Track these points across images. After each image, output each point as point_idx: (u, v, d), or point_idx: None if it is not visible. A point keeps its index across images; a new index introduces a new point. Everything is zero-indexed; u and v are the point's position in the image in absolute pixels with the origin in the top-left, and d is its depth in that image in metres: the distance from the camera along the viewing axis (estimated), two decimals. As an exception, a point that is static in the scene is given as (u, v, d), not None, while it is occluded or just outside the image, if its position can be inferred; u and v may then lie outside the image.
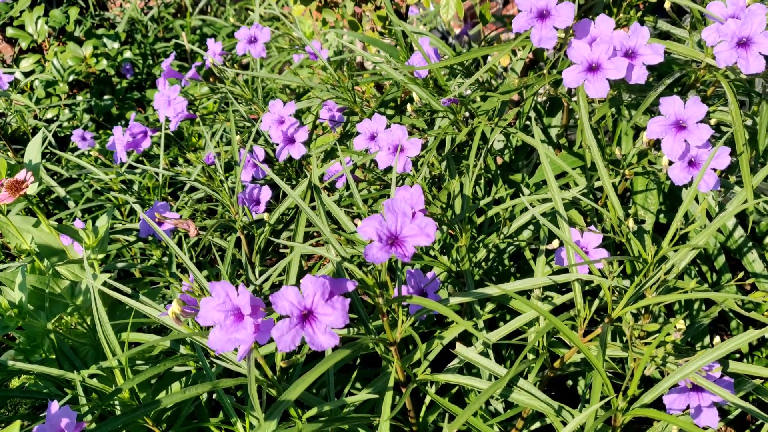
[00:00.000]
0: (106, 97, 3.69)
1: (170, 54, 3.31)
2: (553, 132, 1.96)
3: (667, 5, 1.58)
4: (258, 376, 1.22)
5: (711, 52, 1.42)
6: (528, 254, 1.60)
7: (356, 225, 1.53)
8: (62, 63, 3.54)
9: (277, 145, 1.85)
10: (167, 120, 2.00)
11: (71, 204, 2.83)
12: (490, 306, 1.53)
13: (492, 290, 1.22)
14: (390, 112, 2.26)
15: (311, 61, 2.95)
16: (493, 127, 1.64)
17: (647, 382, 1.64)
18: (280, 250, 2.00)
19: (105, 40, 3.71)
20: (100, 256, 1.70)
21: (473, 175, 1.56)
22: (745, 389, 1.19)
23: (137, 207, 2.17)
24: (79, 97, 3.66)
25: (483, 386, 1.21)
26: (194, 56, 4.28)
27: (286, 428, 1.20)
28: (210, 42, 2.32)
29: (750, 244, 1.66)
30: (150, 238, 2.02)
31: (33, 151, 1.79)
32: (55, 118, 3.52)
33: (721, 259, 1.67)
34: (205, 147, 2.11)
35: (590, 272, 1.25)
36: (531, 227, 1.69)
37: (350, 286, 1.05)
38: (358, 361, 1.69)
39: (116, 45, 3.73)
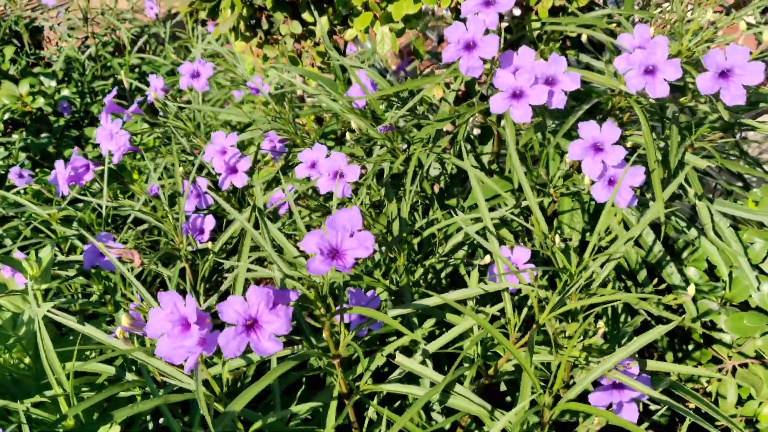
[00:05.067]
0: (43, 135, 3.66)
1: (111, 90, 3.32)
2: (485, 159, 2.07)
3: (584, 38, 1.72)
4: (206, 392, 1.25)
5: (623, 79, 1.55)
6: (463, 271, 1.69)
7: (299, 250, 1.60)
8: (-2, 101, 3.52)
9: (220, 175, 1.90)
10: (110, 154, 2.03)
11: (8, 242, 2.80)
12: (429, 322, 1.60)
13: (429, 301, 1.29)
14: (330, 143, 2.35)
15: (252, 97, 3.02)
16: (429, 153, 1.73)
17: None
18: (224, 279, 2.03)
19: (42, 78, 3.71)
20: (44, 287, 1.71)
21: (410, 199, 1.64)
22: (662, 386, 1.29)
23: (78, 242, 2.17)
24: (15, 136, 3.63)
25: (422, 393, 1.27)
26: (133, 94, 4.29)
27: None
28: (152, 78, 2.37)
29: (668, 258, 1.78)
30: (92, 272, 2.03)
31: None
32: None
33: (643, 273, 1.79)
34: (149, 180, 2.14)
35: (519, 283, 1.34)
36: (466, 247, 1.78)
37: (293, 296, 1.11)
38: (304, 381, 1.73)
39: (53, 83, 3.73)
